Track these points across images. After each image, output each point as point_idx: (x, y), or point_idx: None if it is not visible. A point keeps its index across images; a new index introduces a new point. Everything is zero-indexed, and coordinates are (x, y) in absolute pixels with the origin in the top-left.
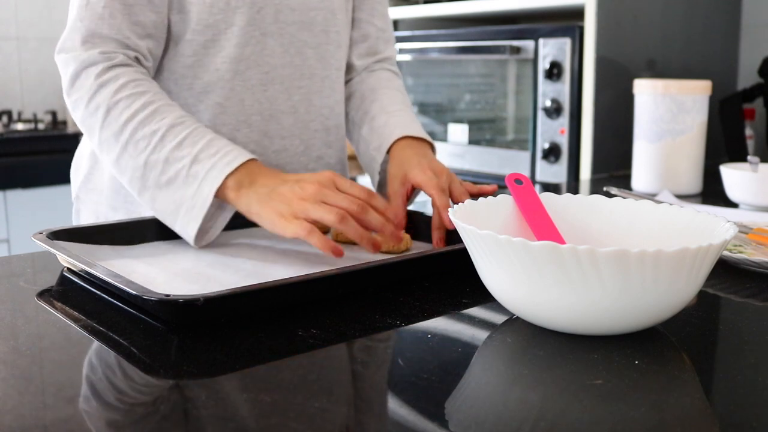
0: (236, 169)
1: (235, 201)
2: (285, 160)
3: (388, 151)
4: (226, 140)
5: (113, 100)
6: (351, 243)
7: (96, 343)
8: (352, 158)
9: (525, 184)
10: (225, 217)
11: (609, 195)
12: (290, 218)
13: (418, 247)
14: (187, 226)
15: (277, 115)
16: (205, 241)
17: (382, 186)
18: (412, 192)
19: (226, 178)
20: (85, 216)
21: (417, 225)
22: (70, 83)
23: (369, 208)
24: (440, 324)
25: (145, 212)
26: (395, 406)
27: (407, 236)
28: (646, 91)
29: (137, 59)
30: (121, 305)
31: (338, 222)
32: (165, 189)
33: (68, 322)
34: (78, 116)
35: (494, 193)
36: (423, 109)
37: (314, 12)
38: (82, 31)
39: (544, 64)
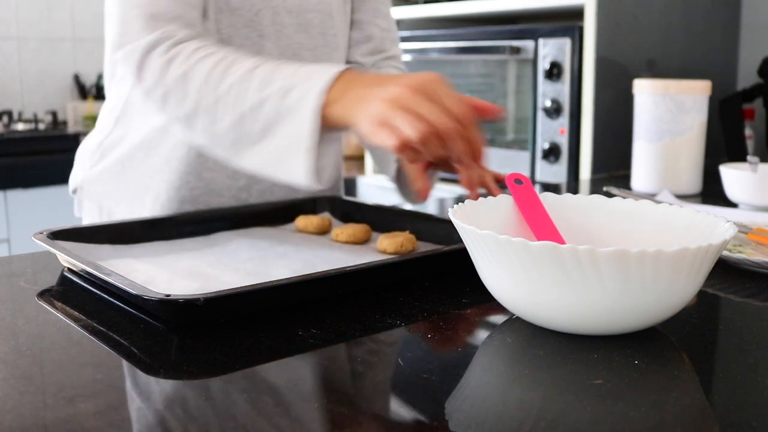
0: (334, 82)
1: (334, 115)
2: None
3: None
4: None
5: (190, 62)
6: (351, 242)
7: (96, 343)
8: (350, 158)
9: (525, 184)
10: (328, 151)
11: (609, 195)
12: (377, 124)
13: (419, 248)
14: (306, 155)
15: None
16: (320, 180)
17: (399, 175)
18: (431, 167)
19: (328, 91)
20: (88, 207)
21: (417, 225)
22: (136, 73)
23: (458, 136)
24: (440, 324)
25: (145, 210)
26: (395, 406)
27: (412, 237)
28: (645, 91)
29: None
30: (122, 305)
31: (418, 143)
32: (275, 121)
33: (68, 322)
34: (157, 96)
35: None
36: None
37: (311, 14)
38: (139, 17)
39: (544, 64)
